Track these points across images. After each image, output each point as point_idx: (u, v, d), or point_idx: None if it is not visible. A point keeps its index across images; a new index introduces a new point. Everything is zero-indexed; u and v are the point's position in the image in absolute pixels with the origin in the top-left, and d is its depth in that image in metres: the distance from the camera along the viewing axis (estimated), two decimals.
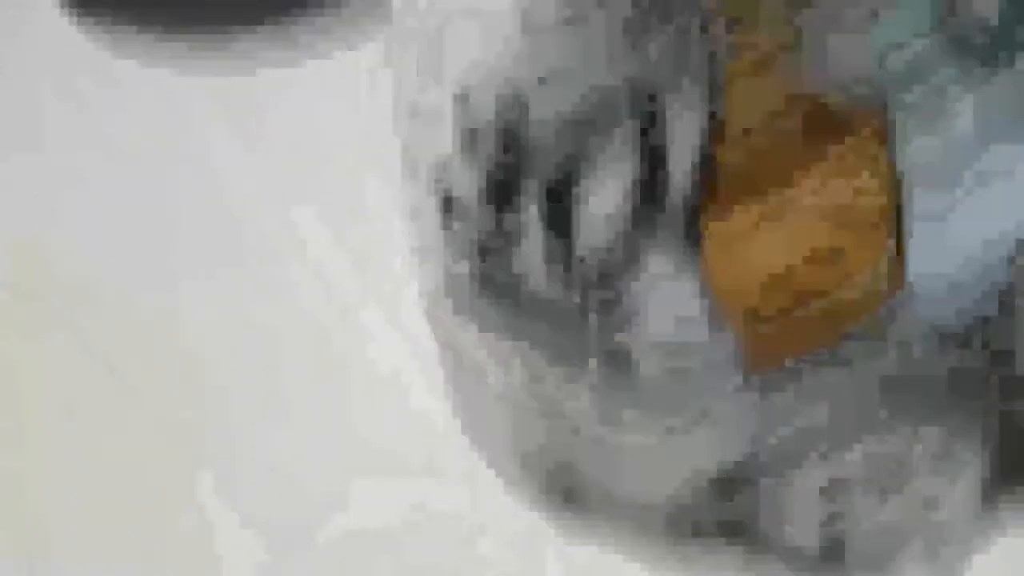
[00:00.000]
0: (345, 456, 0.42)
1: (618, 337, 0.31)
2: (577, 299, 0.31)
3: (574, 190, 0.30)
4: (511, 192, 0.30)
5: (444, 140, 0.31)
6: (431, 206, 0.32)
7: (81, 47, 0.55)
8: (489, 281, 0.32)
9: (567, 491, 0.37)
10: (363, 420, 0.43)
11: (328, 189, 0.51)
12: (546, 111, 0.29)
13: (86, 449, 0.42)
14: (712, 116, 0.28)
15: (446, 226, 0.32)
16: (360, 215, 0.49)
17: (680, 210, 0.29)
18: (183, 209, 0.50)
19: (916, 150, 0.29)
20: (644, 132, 0.29)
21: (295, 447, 0.42)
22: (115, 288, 0.47)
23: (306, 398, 0.44)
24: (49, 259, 0.48)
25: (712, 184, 0.29)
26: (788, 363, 0.32)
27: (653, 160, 0.29)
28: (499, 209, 0.30)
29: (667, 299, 0.31)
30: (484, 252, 0.31)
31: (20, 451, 0.42)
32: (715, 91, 0.28)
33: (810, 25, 0.28)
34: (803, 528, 0.35)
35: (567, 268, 0.31)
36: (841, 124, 0.29)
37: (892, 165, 0.29)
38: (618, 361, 0.32)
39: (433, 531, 0.40)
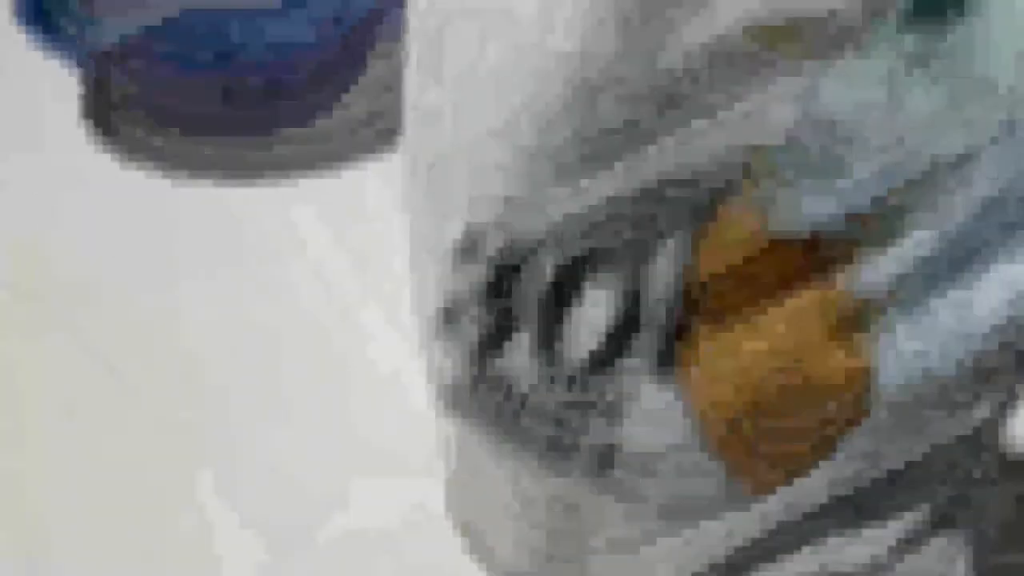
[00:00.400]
0: (345, 456, 0.42)
1: (602, 440, 0.32)
2: (563, 399, 0.32)
3: (565, 304, 0.31)
4: (505, 299, 0.31)
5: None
6: (430, 309, 0.33)
7: None
8: (482, 380, 0.32)
9: None
10: (363, 420, 0.43)
11: (328, 189, 0.50)
12: (542, 230, 0.30)
13: (86, 449, 0.42)
14: (694, 245, 0.30)
15: (445, 325, 0.32)
16: (360, 215, 0.49)
17: (660, 331, 0.31)
18: (183, 209, 0.50)
19: (880, 270, 0.30)
20: (630, 259, 0.30)
21: (295, 447, 0.42)
22: (115, 288, 0.47)
23: (306, 398, 0.44)
24: (49, 259, 0.48)
25: (691, 308, 0.30)
26: (784, 479, 0.33)
27: (636, 285, 0.30)
28: (493, 313, 0.31)
29: (648, 412, 0.32)
30: (477, 353, 0.32)
31: (20, 451, 0.42)
32: (698, 227, 0.30)
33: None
34: None
35: (554, 371, 0.31)
36: (812, 254, 0.30)
37: (859, 284, 0.31)
38: (603, 462, 0.33)
39: (433, 531, 0.40)
